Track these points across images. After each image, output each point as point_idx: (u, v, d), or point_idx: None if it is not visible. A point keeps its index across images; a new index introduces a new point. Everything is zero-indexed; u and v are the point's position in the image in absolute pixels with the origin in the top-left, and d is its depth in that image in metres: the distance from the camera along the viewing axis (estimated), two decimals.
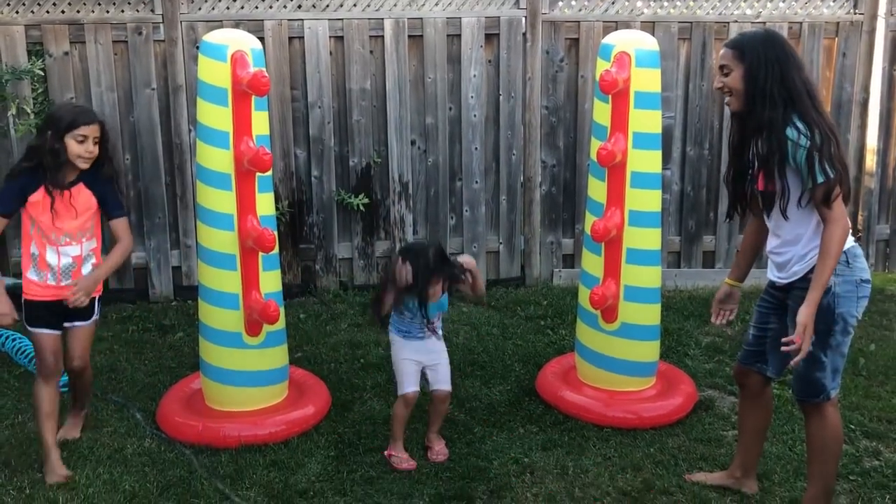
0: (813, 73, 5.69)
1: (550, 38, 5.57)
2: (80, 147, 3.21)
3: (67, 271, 3.32)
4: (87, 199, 3.32)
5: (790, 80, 2.73)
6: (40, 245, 3.28)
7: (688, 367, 4.44)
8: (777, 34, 2.90)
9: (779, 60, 2.74)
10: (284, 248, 5.55)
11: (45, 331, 3.34)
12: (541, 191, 5.76)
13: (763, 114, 2.74)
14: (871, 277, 2.92)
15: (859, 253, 2.87)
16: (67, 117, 3.21)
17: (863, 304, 2.85)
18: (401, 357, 3.50)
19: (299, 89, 5.44)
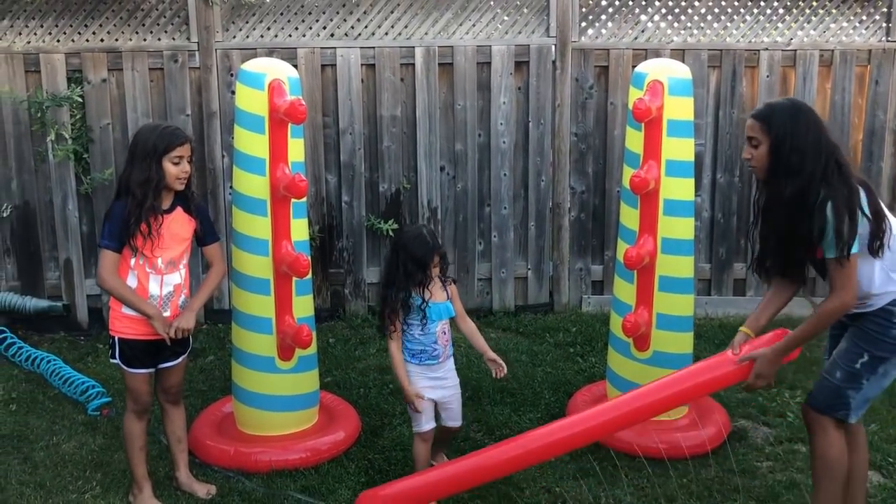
0: (844, 101, 5.67)
1: (580, 65, 5.60)
2: (176, 169, 3.16)
3: (167, 301, 3.26)
4: (187, 223, 3.29)
5: (816, 152, 2.77)
6: (143, 275, 3.20)
7: (720, 397, 4.38)
8: (802, 104, 2.92)
9: (804, 133, 2.78)
10: (315, 272, 5.57)
11: (142, 371, 3.28)
12: (570, 217, 5.76)
13: (788, 188, 2.79)
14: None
15: None
16: (162, 141, 3.14)
17: None
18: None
19: (331, 116, 5.50)
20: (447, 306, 3.43)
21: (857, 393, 2.89)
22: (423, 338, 3.39)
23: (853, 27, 5.64)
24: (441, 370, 3.45)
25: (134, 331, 3.24)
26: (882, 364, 2.87)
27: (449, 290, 3.48)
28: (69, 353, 5.10)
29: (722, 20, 5.62)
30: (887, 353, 2.86)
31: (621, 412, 3.11)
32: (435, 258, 3.34)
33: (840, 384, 2.90)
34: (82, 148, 5.34)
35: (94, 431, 4.03)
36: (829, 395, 2.93)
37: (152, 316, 3.19)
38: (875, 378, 2.88)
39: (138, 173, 3.15)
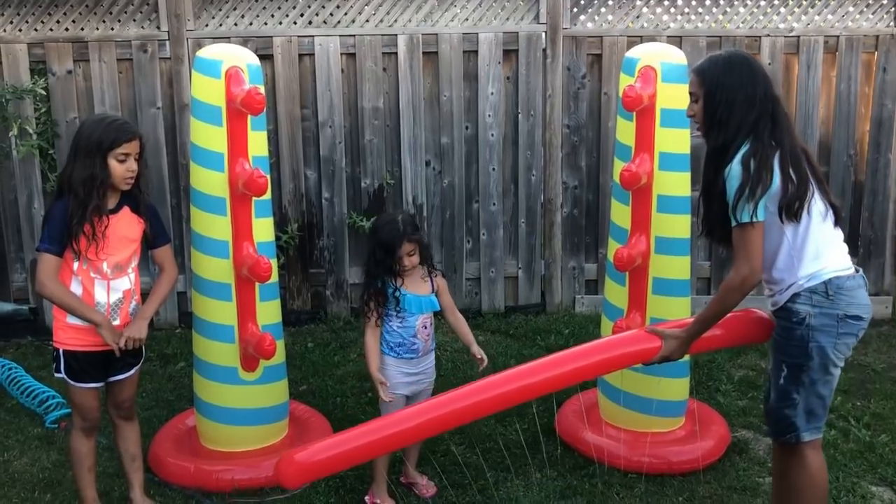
0: (850, 90, 5.38)
1: (572, 53, 5.32)
2: (122, 167, 2.89)
3: (116, 309, 3.00)
4: (136, 224, 3.02)
5: (746, 105, 2.60)
6: (88, 281, 2.93)
7: (719, 405, 4.12)
8: (740, 56, 2.72)
9: (735, 85, 2.61)
10: (294, 272, 5.33)
11: (90, 385, 3.02)
12: (562, 213, 5.48)
13: (716, 141, 2.63)
14: (866, 315, 2.64)
15: (850, 286, 2.61)
16: (108, 136, 2.85)
17: (847, 341, 2.62)
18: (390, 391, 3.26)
19: (310, 108, 5.23)
20: (430, 300, 3.29)
21: (794, 410, 2.64)
22: (402, 330, 3.26)
23: (859, 12, 5.35)
24: (420, 365, 3.32)
25: (80, 341, 2.97)
26: (802, 373, 2.60)
27: (436, 283, 3.34)
28: (34, 359, 4.84)
29: (721, 5, 5.33)
30: (801, 359, 2.60)
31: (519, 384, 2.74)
32: (405, 245, 3.19)
33: (776, 406, 2.69)
34: (47, 143, 5.08)
35: (49, 446, 3.77)
36: (773, 420, 2.73)
37: (100, 324, 2.92)
38: (805, 390, 2.61)
39: (81, 170, 2.87)
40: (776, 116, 2.62)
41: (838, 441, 3.74)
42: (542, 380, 2.76)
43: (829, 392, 2.67)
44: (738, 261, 2.60)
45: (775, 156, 2.58)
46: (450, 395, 2.71)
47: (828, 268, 2.62)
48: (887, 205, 5.50)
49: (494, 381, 2.75)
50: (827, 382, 2.64)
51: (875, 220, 5.52)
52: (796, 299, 2.62)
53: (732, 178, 2.56)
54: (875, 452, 3.65)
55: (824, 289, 2.59)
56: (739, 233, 2.57)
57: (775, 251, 2.64)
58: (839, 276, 2.61)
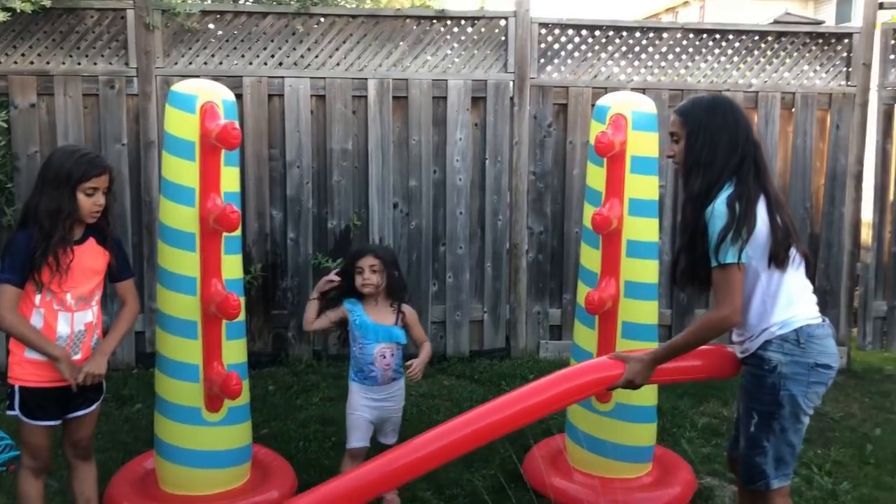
0: (806, 144, 5.57)
1: (538, 102, 5.42)
2: (89, 201, 2.84)
3: (78, 343, 2.90)
4: (100, 256, 2.95)
5: (730, 147, 2.60)
6: (50, 314, 2.84)
7: (684, 452, 4.12)
8: (724, 100, 2.74)
9: (720, 127, 2.61)
10: (256, 314, 5.24)
11: (46, 423, 2.90)
12: (527, 258, 5.52)
13: (697, 183, 2.63)
14: (835, 363, 2.66)
15: (820, 334, 2.62)
16: (78, 169, 2.80)
17: (817, 389, 2.63)
18: (352, 411, 3.43)
19: (277, 148, 5.22)
20: (388, 330, 3.40)
21: (764, 458, 2.63)
22: (360, 357, 3.40)
23: (814, 70, 5.57)
24: (381, 393, 3.43)
25: (39, 377, 2.86)
26: (773, 420, 2.60)
27: (404, 315, 3.48)
28: None
29: (683, 59, 5.50)
30: (771, 407, 2.60)
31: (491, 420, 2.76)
32: (368, 258, 3.40)
33: (747, 454, 2.68)
34: (6, 177, 4.96)
35: None
36: (744, 467, 2.71)
37: (58, 358, 2.82)
38: (775, 437, 2.61)
39: (48, 202, 2.81)
40: (758, 162, 2.64)
41: (802, 488, 3.77)
42: (511, 414, 2.75)
43: (799, 440, 2.67)
44: (719, 301, 2.57)
45: (760, 201, 2.58)
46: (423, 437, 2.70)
47: (799, 316, 2.62)
48: (842, 257, 5.65)
49: (463, 420, 2.76)
50: (797, 431, 2.64)
51: (830, 272, 5.66)
52: (768, 347, 2.62)
53: (716, 218, 2.54)
54: (837, 500, 3.69)
55: (795, 337, 2.59)
56: (722, 274, 2.55)
57: (749, 296, 2.63)
58: (810, 324, 2.62)
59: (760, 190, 2.60)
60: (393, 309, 3.46)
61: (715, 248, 2.54)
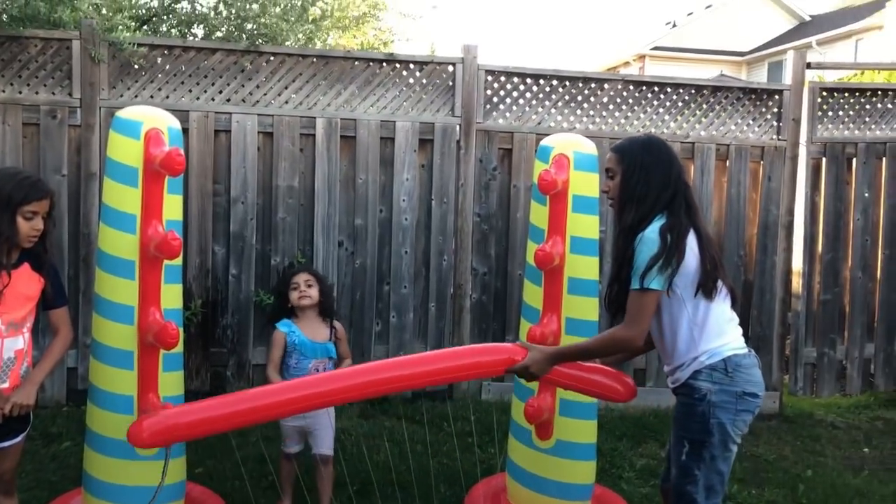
0: (740, 195, 5.78)
1: (484, 146, 5.52)
2: (27, 225, 2.78)
3: (7, 369, 2.80)
4: (35, 282, 2.87)
5: (662, 183, 2.72)
6: None
7: (623, 492, 4.16)
8: (658, 140, 2.87)
9: (654, 164, 2.74)
10: (194, 350, 5.13)
11: None
12: (471, 299, 5.55)
13: (630, 215, 2.74)
14: (761, 392, 2.75)
15: (746, 364, 2.72)
16: (19, 192, 2.75)
17: (745, 417, 2.71)
18: (283, 420, 3.60)
19: (222, 184, 5.18)
20: (324, 346, 3.60)
21: (695, 487, 2.68)
22: (295, 371, 3.56)
23: (747, 124, 5.81)
24: None
25: None
26: (704, 449, 2.66)
27: (336, 330, 3.68)
28: None
29: (623, 110, 5.69)
30: (702, 436, 2.66)
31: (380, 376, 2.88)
32: (302, 274, 3.64)
33: (678, 483, 2.73)
34: None
35: None
36: (675, 497, 2.75)
37: None
38: (705, 466, 2.67)
39: None
40: (689, 199, 2.76)
41: None
42: (403, 374, 2.89)
43: (728, 468, 2.73)
44: (629, 322, 2.67)
45: (690, 234, 2.69)
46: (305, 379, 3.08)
47: (727, 345, 2.70)
48: (774, 304, 5.83)
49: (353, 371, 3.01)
50: (726, 459, 2.70)
51: (763, 319, 5.83)
52: (697, 376, 2.69)
53: (644, 245, 2.64)
54: None
55: (724, 366, 2.67)
56: (640, 297, 2.63)
57: (677, 326, 2.71)
58: (737, 353, 2.70)
59: (690, 224, 2.71)
60: (326, 325, 3.66)
61: (642, 273, 2.62)
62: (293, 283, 3.61)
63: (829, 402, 5.96)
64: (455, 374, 3.07)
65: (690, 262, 2.66)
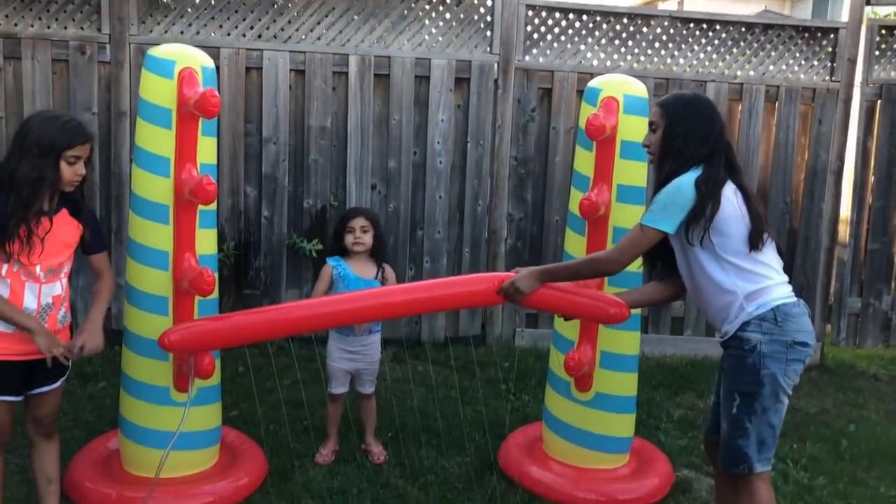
0: (788, 139, 5.55)
1: (523, 86, 5.32)
2: (70, 170, 2.70)
3: (45, 315, 2.76)
4: (73, 228, 2.81)
5: (702, 141, 2.71)
6: (17, 284, 2.69)
7: (661, 444, 4.09)
8: (704, 98, 2.90)
9: (696, 121, 2.74)
10: (227, 293, 5.10)
11: (7, 398, 2.75)
12: (506, 245, 5.44)
13: (667, 168, 2.75)
14: (811, 341, 2.73)
15: (796, 312, 2.70)
16: (62, 137, 2.66)
17: (796, 367, 2.69)
18: (330, 361, 3.69)
19: (254, 123, 5.06)
20: (371, 284, 3.58)
21: (746, 441, 2.67)
22: None
23: (798, 64, 5.54)
24: (356, 345, 3.63)
25: (4, 350, 2.72)
26: (755, 401, 2.65)
27: (384, 272, 3.66)
28: None
29: (669, 48, 5.44)
30: (754, 387, 2.64)
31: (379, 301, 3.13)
32: (358, 219, 3.60)
33: (730, 437, 2.71)
34: None
35: None
36: (726, 452, 2.73)
37: (34, 331, 2.68)
38: (757, 418, 2.66)
39: (28, 170, 2.64)
40: (730, 158, 2.75)
41: (777, 483, 3.74)
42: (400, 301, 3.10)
43: (779, 422, 2.71)
44: (618, 249, 2.78)
45: (733, 189, 2.69)
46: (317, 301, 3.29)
47: (776, 295, 2.69)
48: (819, 253, 5.65)
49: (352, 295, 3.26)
50: (777, 411, 2.68)
51: (808, 268, 5.66)
52: (746, 327, 2.66)
53: (672, 187, 2.66)
54: (813, 495, 3.67)
55: (773, 316, 2.65)
56: (638, 231, 2.72)
57: (720, 281, 2.70)
58: (786, 303, 2.69)
59: (729, 178, 2.70)
60: (374, 266, 3.66)
61: (653, 210, 2.68)
62: (349, 227, 3.61)
63: (871, 353, 5.82)
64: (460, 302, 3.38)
65: (730, 214, 2.65)
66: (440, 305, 3.39)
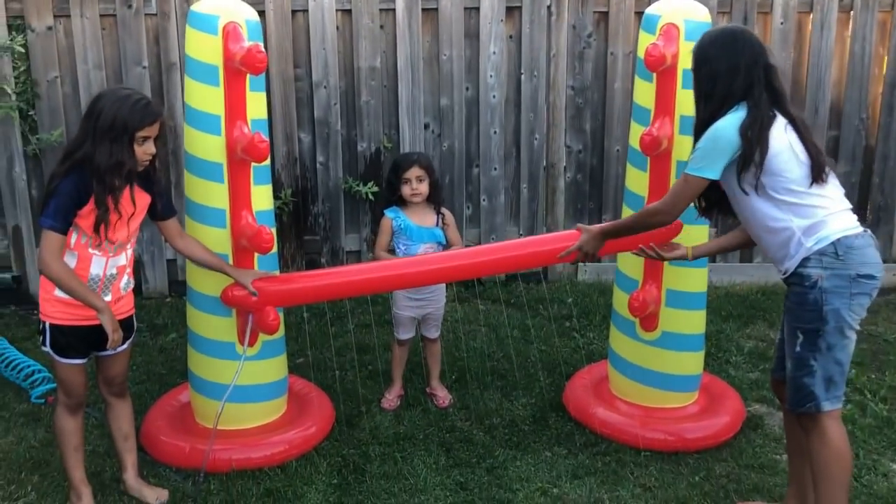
0: (864, 51, 5.20)
1: (577, 11, 5.09)
2: (141, 149, 2.71)
3: (109, 283, 2.83)
4: (142, 200, 2.84)
5: (729, 75, 2.61)
6: (84, 255, 2.75)
7: (731, 378, 4.01)
8: (730, 29, 2.76)
9: (719, 57, 2.63)
10: (287, 239, 5.14)
11: (77, 361, 2.85)
12: (565, 178, 5.31)
13: (701, 113, 2.70)
14: (878, 273, 2.60)
15: (859, 244, 2.58)
16: (133, 119, 2.65)
17: (861, 301, 2.58)
18: (396, 309, 3.73)
19: (303, 68, 4.99)
20: (431, 231, 3.61)
21: (812, 379, 2.58)
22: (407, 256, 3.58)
23: None
24: (423, 292, 3.65)
25: (69, 315, 2.78)
26: (819, 338, 2.56)
27: (444, 218, 3.67)
28: (18, 329, 4.64)
29: None
30: (816, 324, 2.56)
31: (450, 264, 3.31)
32: (414, 169, 3.56)
33: (794, 376, 2.63)
34: (27, 105, 4.82)
35: (35, 423, 3.60)
36: (792, 391, 2.66)
37: (101, 310, 2.73)
38: (822, 356, 2.57)
39: (106, 156, 2.64)
40: (774, 86, 2.61)
41: (855, 416, 3.64)
42: (471, 263, 3.28)
43: (847, 358, 2.62)
44: (668, 200, 2.76)
45: (783, 125, 2.59)
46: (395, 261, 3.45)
47: (836, 228, 2.58)
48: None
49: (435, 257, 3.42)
50: (844, 347, 2.59)
51: (885, 187, 5.38)
52: (807, 263, 2.58)
53: (713, 132, 2.59)
54: (893, 428, 3.55)
55: (833, 249, 2.55)
56: (684, 181, 2.69)
57: (777, 220, 2.61)
58: (847, 235, 2.58)
59: (776, 114, 2.59)
60: (433, 211, 3.67)
61: (696, 158, 2.63)
62: (405, 178, 3.57)
63: None
64: (527, 263, 3.49)
65: (781, 154, 2.57)
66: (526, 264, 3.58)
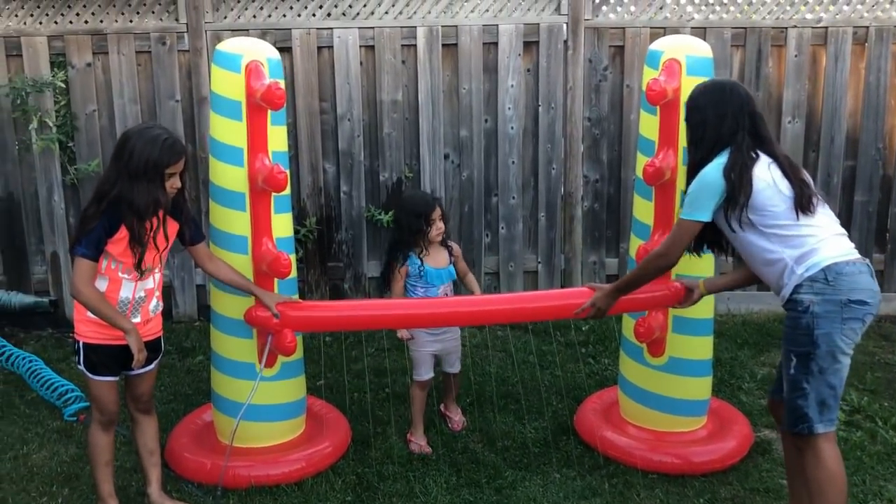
0: (880, 82, 5.26)
1: (594, 45, 5.24)
2: (168, 184, 2.88)
3: (138, 306, 3.01)
4: (172, 229, 3.02)
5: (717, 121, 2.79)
6: (115, 279, 2.93)
7: (742, 404, 4.06)
8: (720, 81, 2.95)
9: (708, 105, 2.82)
10: (312, 266, 5.31)
11: (108, 378, 3.02)
12: (583, 207, 5.42)
13: (693, 157, 2.88)
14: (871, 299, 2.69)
15: (850, 271, 2.68)
16: (164, 158, 2.81)
17: (853, 326, 2.68)
18: (416, 348, 3.71)
19: (328, 101, 5.19)
20: (448, 271, 3.69)
21: (805, 401, 2.67)
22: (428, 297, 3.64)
23: (890, 1, 5.22)
24: (443, 328, 3.68)
25: (101, 335, 2.96)
26: (811, 361, 2.66)
27: (452, 250, 3.74)
28: (54, 351, 4.86)
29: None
30: (808, 347, 2.66)
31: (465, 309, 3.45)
32: (437, 210, 3.62)
33: (789, 398, 2.73)
34: (66, 137, 5.08)
35: (67, 440, 3.78)
36: (788, 412, 2.75)
37: (128, 332, 2.90)
38: (814, 379, 2.66)
39: (144, 195, 2.81)
40: (759, 131, 2.80)
41: (865, 443, 3.67)
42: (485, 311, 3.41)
43: (840, 382, 2.71)
44: (667, 244, 2.91)
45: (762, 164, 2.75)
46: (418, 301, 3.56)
47: (826, 255, 2.68)
48: None
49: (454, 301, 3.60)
50: (836, 371, 2.68)
51: None
52: (799, 290, 2.69)
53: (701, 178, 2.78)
54: None
55: (824, 276, 2.66)
56: (680, 224, 2.86)
57: (769, 253, 2.75)
58: (837, 262, 2.68)
59: (759, 155, 2.76)
60: (444, 248, 3.72)
61: (688, 202, 2.80)
62: (431, 219, 3.59)
63: None
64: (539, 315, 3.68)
65: (765, 188, 2.72)
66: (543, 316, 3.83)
